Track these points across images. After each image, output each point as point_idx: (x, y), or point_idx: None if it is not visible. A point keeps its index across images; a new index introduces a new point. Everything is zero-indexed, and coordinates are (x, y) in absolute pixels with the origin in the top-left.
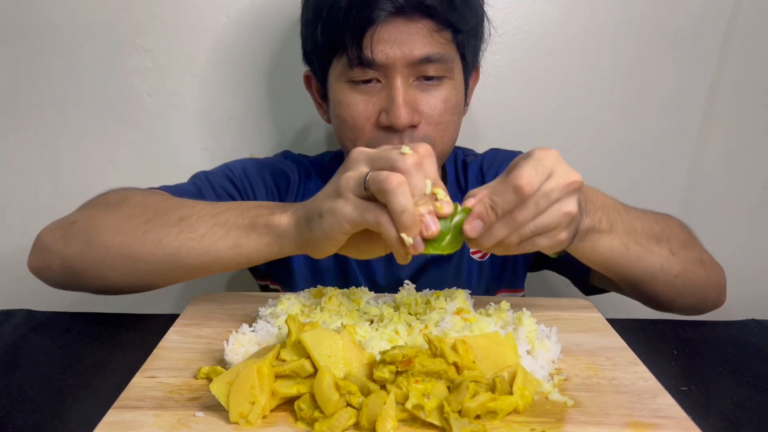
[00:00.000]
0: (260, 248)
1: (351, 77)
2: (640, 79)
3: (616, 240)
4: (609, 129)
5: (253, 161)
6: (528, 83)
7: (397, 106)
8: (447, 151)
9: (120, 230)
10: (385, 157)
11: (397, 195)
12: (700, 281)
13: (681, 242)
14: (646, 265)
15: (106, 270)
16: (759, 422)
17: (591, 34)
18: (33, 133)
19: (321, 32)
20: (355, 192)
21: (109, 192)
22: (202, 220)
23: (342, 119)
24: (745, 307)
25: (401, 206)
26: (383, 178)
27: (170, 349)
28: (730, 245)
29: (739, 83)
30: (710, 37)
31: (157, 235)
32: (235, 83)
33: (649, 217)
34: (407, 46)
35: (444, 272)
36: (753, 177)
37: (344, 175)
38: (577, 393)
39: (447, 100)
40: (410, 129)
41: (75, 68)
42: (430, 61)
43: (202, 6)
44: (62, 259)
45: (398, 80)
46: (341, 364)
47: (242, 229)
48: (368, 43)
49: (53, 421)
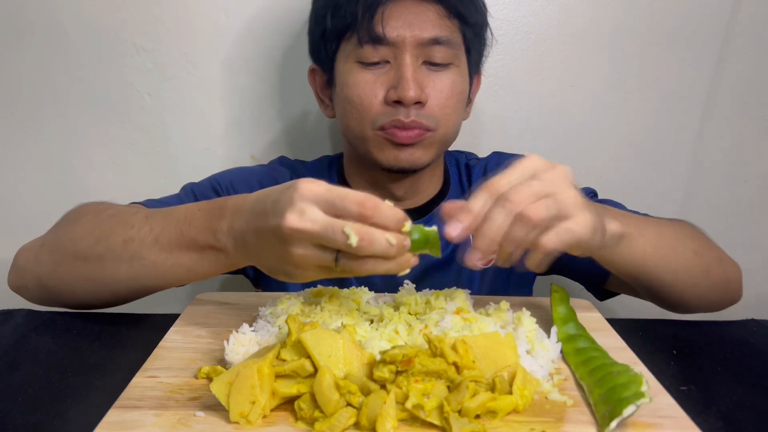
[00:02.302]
0: (217, 267)
1: (360, 57)
2: (640, 78)
3: (647, 244)
4: (608, 129)
5: (243, 170)
6: (528, 83)
7: (406, 80)
8: (449, 138)
9: (80, 255)
10: (341, 226)
11: (367, 268)
12: (720, 280)
13: (701, 243)
14: (675, 267)
15: (77, 290)
16: (759, 422)
17: (591, 34)
18: (33, 133)
19: (332, 15)
20: (320, 263)
21: (79, 206)
22: (145, 246)
23: (349, 99)
24: (745, 307)
25: (371, 267)
26: (353, 261)
27: (171, 349)
28: (729, 245)
29: (738, 83)
30: (710, 37)
31: (112, 266)
32: (235, 83)
33: (666, 223)
34: (417, 27)
35: (445, 277)
36: (752, 177)
37: (297, 249)
38: (577, 393)
39: (453, 84)
40: (417, 106)
41: (75, 68)
42: (438, 43)
43: (202, 6)
44: (37, 279)
45: (407, 58)
46: (341, 364)
47: (189, 252)
48: (379, 20)
49: (53, 421)
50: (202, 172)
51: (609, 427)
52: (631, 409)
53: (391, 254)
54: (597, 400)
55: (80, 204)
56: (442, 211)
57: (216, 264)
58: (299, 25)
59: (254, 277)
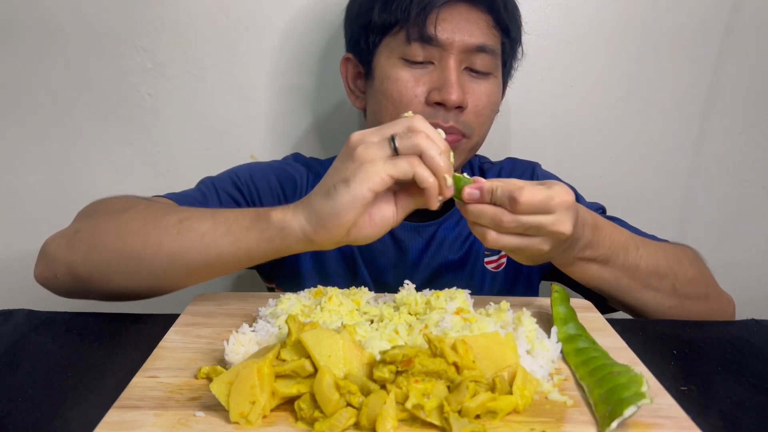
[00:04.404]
0: (261, 243)
1: (406, 54)
2: (640, 79)
3: (607, 272)
4: (609, 129)
5: (261, 165)
6: (528, 83)
7: (451, 84)
8: (479, 146)
9: (122, 234)
10: (396, 123)
11: (429, 144)
12: (699, 312)
13: (688, 279)
14: (638, 296)
15: (111, 274)
16: (759, 422)
17: (591, 34)
18: (33, 134)
19: (381, 8)
20: (380, 154)
21: (110, 198)
22: (201, 220)
23: (388, 94)
24: (745, 307)
25: (436, 150)
26: (410, 133)
27: (170, 349)
28: (730, 245)
29: (738, 83)
30: (710, 37)
31: (158, 237)
32: (235, 83)
33: (660, 254)
34: (467, 32)
35: (457, 279)
36: (753, 177)
37: (359, 147)
38: (577, 393)
39: (491, 94)
40: (456, 111)
41: (75, 68)
42: (483, 51)
43: (202, 6)
44: (68, 266)
45: (452, 62)
46: (341, 364)
47: (243, 226)
48: (433, 20)
49: (53, 421)
50: (202, 172)
51: (609, 428)
52: (632, 409)
53: (439, 140)
54: (597, 400)
55: (110, 196)
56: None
57: (265, 238)
58: (300, 25)
59: (269, 272)
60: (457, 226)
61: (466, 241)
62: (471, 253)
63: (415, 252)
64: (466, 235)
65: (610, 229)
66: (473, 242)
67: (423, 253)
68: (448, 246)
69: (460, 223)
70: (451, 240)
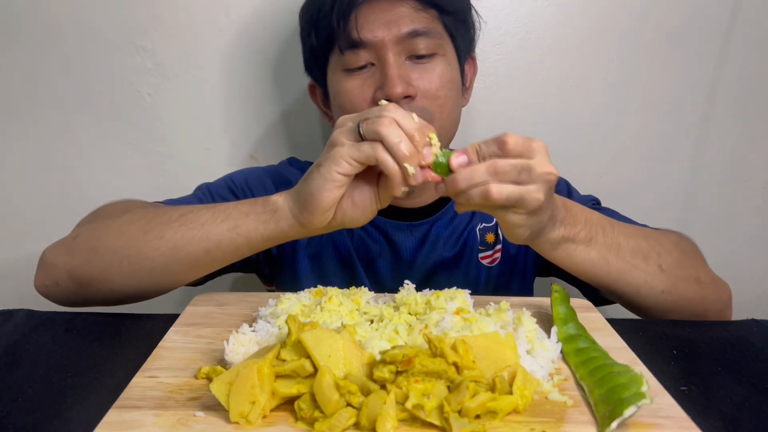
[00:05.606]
0: (258, 226)
1: (345, 65)
2: (640, 79)
3: (593, 252)
4: (609, 129)
5: (256, 170)
6: (528, 83)
7: (390, 78)
8: (449, 129)
9: (124, 233)
10: (370, 110)
11: (390, 130)
12: (693, 298)
13: (674, 260)
14: (629, 279)
15: (113, 274)
16: (759, 422)
17: (591, 34)
18: (33, 134)
19: (315, 34)
20: (349, 138)
21: (108, 205)
22: (203, 212)
23: (342, 107)
24: (745, 307)
25: (397, 137)
26: (375, 118)
27: (170, 349)
28: (730, 245)
29: (739, 83)
30: (710, 37)
31: (160, 231)
32: (235, 83)
33: (639, 234)
34: (393, 24)
35: (452, 276)
36: (753, 177)
37: (334, 132)
38: (577, 393)
39: (441, 74)
40: (407, 100)
41: (75, 69)
42: (417, 35)
43: (202, 6)
44: (69, 272)
45: (390, 56)
46: (341, 364)
47: (242, 212)
48: (354, 25)
49: (53, 421)
50: (201, 172)
51: (609, 428)
52: (632, 410)
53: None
54: (597, 400)
55: (109, 202)
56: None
57: (262, 221)
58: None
59: (268, 274)
60: (451, 223)
61: (460, 238)
62: (465, 249)
63: (409, 251)
64: (459, 232)
65: (579, 207)
66: (467, 238)
67: (417, 252)
68: (443, 243)
69: (454, 220)
70: (445, 237)
